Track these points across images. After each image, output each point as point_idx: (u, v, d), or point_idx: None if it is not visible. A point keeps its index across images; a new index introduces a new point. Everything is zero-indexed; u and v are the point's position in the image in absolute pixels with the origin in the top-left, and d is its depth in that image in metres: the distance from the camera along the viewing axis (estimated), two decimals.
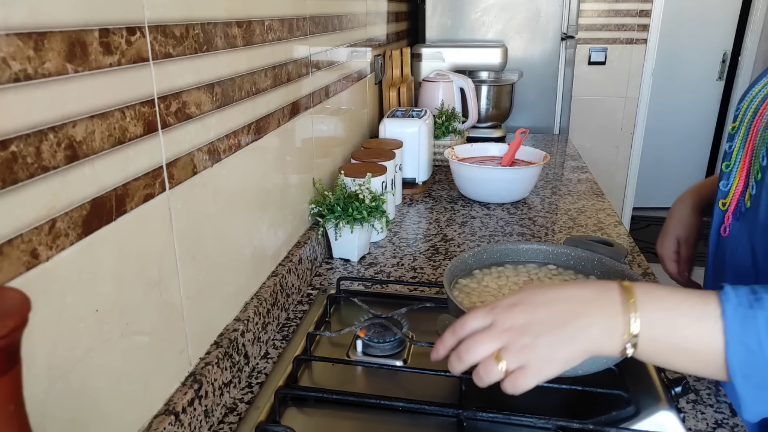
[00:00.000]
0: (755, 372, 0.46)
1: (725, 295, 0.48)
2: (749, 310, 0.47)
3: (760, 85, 0.73)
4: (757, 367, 0.46)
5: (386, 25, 1.86)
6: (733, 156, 0.74)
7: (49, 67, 0.44)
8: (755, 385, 0.47)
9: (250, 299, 0.84)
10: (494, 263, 0.85)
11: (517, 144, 1.50)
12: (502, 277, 0.82)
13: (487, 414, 0.69)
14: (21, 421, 0.30)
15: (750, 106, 0.73)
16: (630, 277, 0.78)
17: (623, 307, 0.49)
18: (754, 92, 0.73)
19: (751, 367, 0.47)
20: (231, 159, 0.76)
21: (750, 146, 0.71)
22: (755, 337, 0.46)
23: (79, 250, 0.48)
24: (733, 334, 0.47)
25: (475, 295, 0.78)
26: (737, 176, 0.73)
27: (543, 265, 0.86)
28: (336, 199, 1.09)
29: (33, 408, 0.31)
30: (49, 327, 0.45)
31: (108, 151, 0.51)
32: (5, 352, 0.28)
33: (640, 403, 0.73)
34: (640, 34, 3.38)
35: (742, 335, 0.47)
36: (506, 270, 0.84)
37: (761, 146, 0.68)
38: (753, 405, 0.48)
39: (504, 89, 2.03)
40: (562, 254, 0.86)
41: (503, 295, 0.76)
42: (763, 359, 0.46)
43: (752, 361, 0.46)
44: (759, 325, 0.46)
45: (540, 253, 0.87)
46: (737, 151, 0.73)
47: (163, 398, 0.62)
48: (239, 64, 0.77)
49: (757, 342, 0.46)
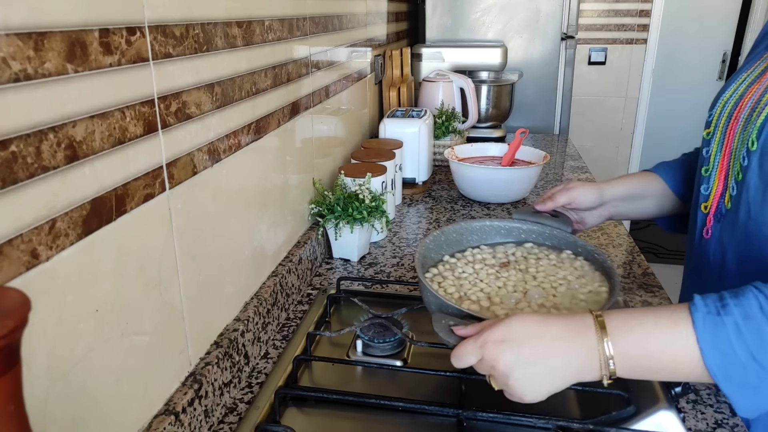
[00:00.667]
0: (734, 373, 0.50)
1: (694, 307, 0.53)
2: (717, 317, 0.51)
3: (730, 91, 0.75)
4: (734, 368, 0.50)
5: (386, 25, 1.86)
6: (711, 160, 0.76)
7: (49, 67, 0.44)
8: (738, 386, 0.50)
9: (250, 299, 0.84)
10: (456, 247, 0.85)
11: (517, 144, 1.50)
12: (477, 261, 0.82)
13: (487, 414, 0.69)
14: (21, 421, 0.30)
15: (723, 111, 0.74)
16: (583, 247, 0.82)
17: (599, 346, 0.54)
18: (726, 97, 0.75)
19: (729, 370, 0.50)
20: (231, 159, 0.76)
21: (727, 149, 0.73)
22: (727, 342, 0.50)
23: (79, 250, 0.48)
24: (705, 342, 0.51)
25: (449, 282, 0.77)
26: (716, 179, 0.75)
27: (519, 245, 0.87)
28: (336, 199, 1.09)
29: (33, 408, 0.31)
30: (49, 327, 0.45)
31: (108, 151, 0.51)
32: (5, 352, 0.28)
33: (640, 403, 0.73)
34: (640, 34, 3.38)
35: (715, 341, 0.51)
36: (483, 251, 0.84)
37: (741, 147, 0.70)
38: (742, 403, 0.51)
39: (504, 89, 2.03)
40: (514, 229, 0.88)
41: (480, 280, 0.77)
42: (738, 361, 0.50)
43: (729, 364, 0.50)
44: (728, 330, 0.50)
45: (493, 230, 0.88)
46: (714, 155, 0.75)
47: (163, 398, 0.62)
48: (239, 64, 0.77)
49: (729, 346, 0.50)
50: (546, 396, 0.56)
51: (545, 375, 0.55)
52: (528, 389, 0.56)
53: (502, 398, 0.60)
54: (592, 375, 0.55)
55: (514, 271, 0.80)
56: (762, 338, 0.49)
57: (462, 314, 0.65)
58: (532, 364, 0.55)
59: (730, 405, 0.73)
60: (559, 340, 0.55)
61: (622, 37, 3.40)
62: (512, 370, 0.55)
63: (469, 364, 0.58)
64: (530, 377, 0.55)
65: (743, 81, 0.74)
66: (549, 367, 0.55)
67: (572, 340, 0.55)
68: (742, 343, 0.50)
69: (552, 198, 0.89)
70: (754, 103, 0.70)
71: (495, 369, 0.56)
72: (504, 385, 0.57)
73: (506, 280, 0.78)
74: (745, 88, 0.72)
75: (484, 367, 0.57)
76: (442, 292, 0.74)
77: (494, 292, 0.75)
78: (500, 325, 0.57)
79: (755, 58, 0.76)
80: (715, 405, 0.74)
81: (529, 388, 0.56)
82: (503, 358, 0.55)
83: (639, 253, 1.19)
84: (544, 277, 0.78)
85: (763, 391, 0.50)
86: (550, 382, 0.56)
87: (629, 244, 1.24)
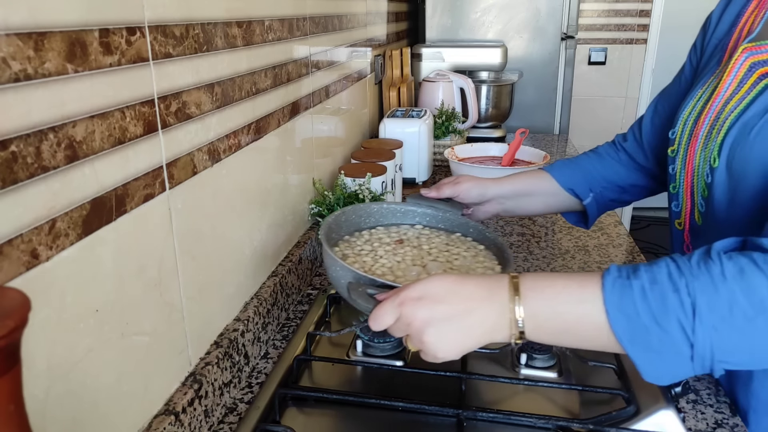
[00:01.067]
0: (638, 337, 0.50)
1: (607, 272, 0.54)
2: (626, 281, 0.52)
3: (689, 109, 0.76)
4: (638, 332, 0.50)
5: (386, 25, 1.86)
6: (677, 177, 0.77)
7: (49, 67, 0.44)
8: (642, 349, 0.51)
9: (250, 299, 0.84)
10: (355, 227, 0.89)
11: (517, 144, 1.50)
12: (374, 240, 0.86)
13: (487, 414, 0.69)
14: (21, 421, 0.30)
15: (684, 129, 0.75)
16: (474, 227, 0.86)
17: (510, 304, 0.55)
18: (685, 115, 0.76)
19: (634, 333, 0.50)
20: (231, 159, 0.76)
21: (690, 167, 0.74)
22: (632, 305, 0.50)
23: (79, 250, 0.48)
24: (612, 305, 0.51)
25: (351, 260, 0.79)
26: (684, 196, 0.76)
27: (412, 226, 0.91)
28: (336, 199, 1.09)
29: (33, 408, 0.31)
30: (49, 327, 0.45)
31: (108, 151, 0.51)
32: (5, 352, 0.28)
33: (640, 402, 0.73)
34: (640, 34, 3.38)
35: (620, 304, 0.51)
36: (378, 231, 0.88)
37: (704, 165, 0.71)
38: (647, 367, 0.51)
39: (504, 89, 2.03)
40: (409, 212, 0.91)
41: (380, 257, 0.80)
42: (641, 324, 0.50)
43: (633, 327, 0.50)
44: (634, 292, 0.51)
45: (389, 212, 0.91)
46: (679, 173, 0.76)
47: (163, 398, 0.62)
48: (239, 64, 0.77)
49: (633, 309, 0.50)
50: (459, 354, 0.57)
51: (458, 332, 0.56)
52: (441, 346, 0.57)
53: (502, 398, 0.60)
54: (502, 335, 0.56)
55: (409, 248, 0.83)
56: (665, 303, 0.50)
57: (377, 283, 0.65)
58: (447, 321, 0.56)
59: (730, 405, 0.73)
60: (473, 299, 0.57)
61: (622, 37, 3.40)
62: (427, 326, 0.56)
63: (387, 324, 0.58)
64: (444, 334, 0.56)
65: (699, 98, 0.74)
66: (462, 324, 0.56)
67: (485, 299, 0.56)
68: (646, 306, 0.50)
69: (438, 188, 0.92)
70: (713, 120, 0.70)
71: (411, 326, 0.57)
72: (419, 343, 0.57)
73: (404, 255, 0.81)
74: (702, 105, 0.73)
75: (401, 326, 0.58)
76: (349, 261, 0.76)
77: (396, 267, 0.77)
78: (418, 284, 0.58)
79: (708, 74, 0.76)
80: (715, 405, 0.74)
81: (442, 345, 0.56)
82: (419, 314, 0.56)
83: (639, 253, 1.19)
84: (438, 252, 0.82)
85: (666, 357, 0.50)
86: (463, 340, 0.57)
87: (629, 244, 1.24)
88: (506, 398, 0.75)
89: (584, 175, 0.93)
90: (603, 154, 0.95)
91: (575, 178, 0.93)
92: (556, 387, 0.76)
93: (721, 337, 0.48)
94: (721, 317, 0.48)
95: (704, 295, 0.49)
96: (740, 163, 0.65)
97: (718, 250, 0.51)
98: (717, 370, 0.50)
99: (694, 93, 0.76)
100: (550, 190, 0.94)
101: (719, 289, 0.49)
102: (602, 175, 0.93)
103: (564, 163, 0.95)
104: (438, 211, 0.90)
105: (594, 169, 0.93)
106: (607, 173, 0.93)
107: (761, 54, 0.67)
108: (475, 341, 0.57)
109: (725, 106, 0.69)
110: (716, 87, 0.71)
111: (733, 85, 0.69)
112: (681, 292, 0.49)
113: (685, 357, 0.49)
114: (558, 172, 0.94)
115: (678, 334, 0.49)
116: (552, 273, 0.58)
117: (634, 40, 3.39)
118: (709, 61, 0.79)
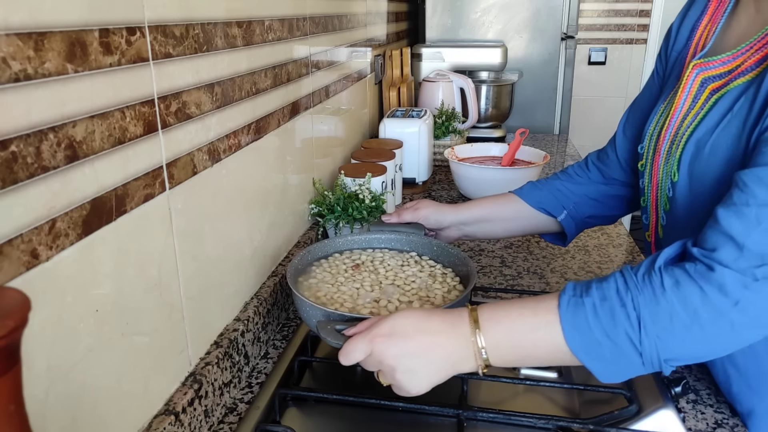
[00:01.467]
0: (592, 349, 0.56)
1: (563, 291, 0.59)
2: (579, 299, 0.57)
3: (653, 125, 0.76)
4: (591, 345, 0.56)
5: (386, 25, 1.86)
6: (645, 191, 0.78)
7: (49, 67, 0.44)
8: (596, 359, 0.56)
9: (250, 299, 0.84)
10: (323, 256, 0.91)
11: (517, 144, 1.50)
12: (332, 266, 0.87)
13: (487, 414, 0.69)
14: (21, 421, 0.30)
15: (650, 144, 0.76)
16: (438, 245, 0.90)
17: (472, 337, 0.59)
18: (650, 131, 0.77)
19: (587, 346, 0.56)
20: (231, 159, 0.76)
21: (654, 181, 0.75)
22: (584, 321, 0.56)
23: (79, 250, 0.48)
24: (567, 322, 0.56)
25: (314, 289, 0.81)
26: (651, 209, 0.77)
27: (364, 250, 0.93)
28: (336, 199, 1.09)
29: (33, 408, 0.31)
30: (49, 327, 0.45)
31: (108, 151, 0.51)
32: (5, 352, 0.28)
33: (640, 402, 0.73)
34: (640, 34, 3.38)
35: (574, 321, 0.56)
36: (336, 258, 0.90)
37: (665, 179, 0.72)
38: (603, 373, 0.57)
39: (504, 89, 2.03)
40: (375, 240, 0.94)
41: (339, 282, 0.82)
42: (594, 338, 0.55)
43: (586, 341, 0.56)
44: (587, 310, 0.56)
45: (354, 244, 0.93)
46: (647, 187, 0.78)
47: (163, 398, 0.62)
48: (239, 64, 0.77)
49: (586, 325, 0.55)
50: (429, 388, 0.60)
51: (428, 367, 0.59)
52: (413, 382, 0.59)
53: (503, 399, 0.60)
54: (469, 366, 0.59)
55: (366, 273, 0.85)
56: (614, 318, 0.55)
57: (345, 318, 0.68)
58: (416, 357, 0.58)
59: (730, 405, 0.73)
60: (439, 333, 0.59)
61: (622, 37, 3.40)
62: (398, 363, 0.58)
63: (357, 359, 0.60)
64: (415, 370, 0.59)
65: (662, 113, 0.75)
66: (431, 359, 0.59)
67: (449, 334, 0.59)
68: (597, 322, 0.55)
69: (399, 214, 0.95)
70: (672, 136, 0.71)
71: (383, 363, 0.59)
72: (392, 379, 0.60)
73: (362, 281, 0.82)
74: (664, 120, 0.74)
75: (373, 361, 0.60)
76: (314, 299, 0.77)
77: (355, 294, 0.79)
78: (387, 320, 0.60)
79: (669, 88, 0.77)
80: (715, 405, 0.74)
81: (414, 381, 0.59)
82: (390, 351, 0.58)
83: (639, 253, 1.19)
84: (395, 275, 0.84)
85: (620, 363, 0.56)
86: (433, 373, 0.59)
87: (629, 244, 1.24)
88: (507, 398, 0.75)
89: (554, 194, 0.93)
90: (572, 173, 0.96)
91: (545, 198, 0.93)
92: (557, 387, 0.76)
93: (665, 344, 0.54)
94: (663, 327, 0.54)
95: (647, 308, 0.54)
96: (698, 177, 0.67)
97: (660, 262, 0.57)
98: (666, 369, 0.56)
99: (657, 108, 0.77)
100: (520, 212, 0.94)
101: (660, 302, 0.54)
102: (572, 191, 0.93)
103: (533, 185, 0.96)
104: (401, 234, 0.93)
105: (563, 187, 0.94)
106: (577, 189, 0.94)
107: (711, 70, 0.68)
108: (444, 374, 0.60)
109: (682, 122, 0.70)
110: (674, 103, 0.72)
111: (688, 102, 0.70)
112: (627, 306, 0.55)
113: (636, 363, 0.55)
114: (527, 194, 0.94)
115: (627, 346, 0.55)
116: (509, 301, 0.62)
117: (634, 40, 3.39)
118: (671, 73, 0.80)
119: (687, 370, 0.80)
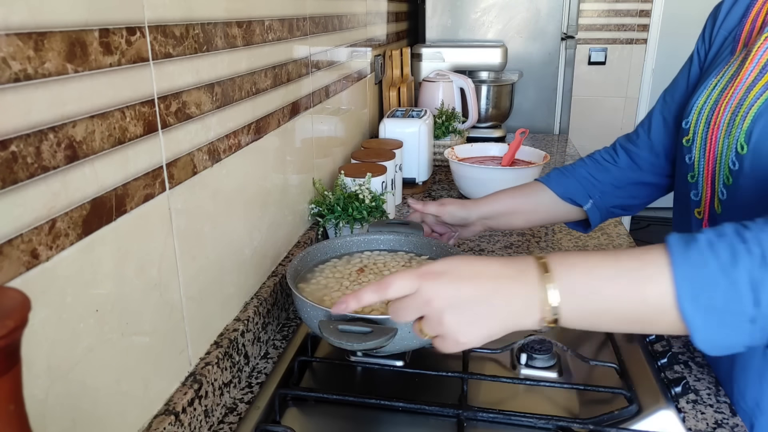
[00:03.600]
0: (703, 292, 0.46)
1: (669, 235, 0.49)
2: (690, 236, 0.48)
3: (703, 98, 0.76)
4: (704, 285, 0.46)
5: (386, 25, 1.86)
6: (695, 166, 0.76)
7: (49, 67, 0.44)
8: (704, 308, 0.46)
9: (250, 299, 0.84)
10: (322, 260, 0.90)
11: (517, 144, 1.50)
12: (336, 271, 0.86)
13: (487, 414, 0.69)
14: (21, 421, 0.30)
15: (700, 118, 0.75)
16: (438, 246, 0.88)
17: (539, 283, 0.50)
18: (700, 104, 0.76)
19: (698, 287, 0.46)
20: (231, 159, 0.76)
21: (711, 155, 0.73)
22: (698, 254, 0.46)
23: (79, 250, 0.48)
24: (678, 255, 0.47)
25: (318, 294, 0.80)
26: (704, 185, 0.75)
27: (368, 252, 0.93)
28: (336, 199, 1.09)
29: (33, 408, 0.31)
30: (49, 327, 0.45)
31: (108, 151, 0.51)
32: (5, 352, 0.28)
33: (641, 402, 0.73)
34: (640, 34, 3.38)
35: (686, 254, 0.47)
36: (338, 263, 0.89)
37: (727, 152, 0.70)
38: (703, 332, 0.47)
39: (504, 89, 2.03)
40: (374, 240, 0.93)
41: (344, 286, 0.81)
42: (708, 276, 0.46)
43: (699, 279, 0.46)
44: (700, 244, 0.47)
45: (353, 244, 0.92)
46: (698, 162, 0.76)
47: (163, 398, 0.62)
48: (239, 64, 0.77)
49: (700, 258, 0.46)
50: (482, 341, 0.52)
51: (486, 313, 0.51)
52: (467, 330, 0.51)
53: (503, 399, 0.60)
54: (532, 319, 0.51)
55: (372, 275, 0.84)
56: (734, 253, 0.46)
57: (347, 318, 0.66)
58: (472, 302, 0.51)
59: (730, 405, 0.73)
60: (501, 278, 0.52)
61: (622, 37, 3.40)
62: (450, 306, 0.51)
63: (401, 292, 0.53)
64: (468, 317, 0.51)
65: (714, 87, 0.75)
66: (492, 304, 0.51)
67: (514, 279, 0.51)
68: (713, 256, 0.46)
69: (424, 203, 0.95)
70: (734, 107, 0.70)
71: (430, 305, 0.51)
72: (437, 325, 0.52)
73: (367, 283, 0.81)
74: (719, 93, 0.73)
75: (418, 302, 0.52)
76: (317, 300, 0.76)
77: None
78: (439, 260, 0.54)
79: (722, 64, 0.76)
80: (715, 405, 0.74)
81: (468, 329, 0.51)
82: (442, 292, 0.51)
83: None
84: None
85: (727, 320, 0.46)
86: (492, 322, 0.51)
87: (629, 244, 1.24)
88: (507, 398, 0.75)
89: (580, 182, 0.93)
90: (599, 159, 0.95)
91: (572, 186, 0.93)
92: (557, 387, 0.76)
93: None
94: None
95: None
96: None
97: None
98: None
99: (708, 82, 0.76)
100: (544, 203, 0.94)
101: None
102: (598, 179, 0.93)
103: (560, 172, 0.96)
104: (400, 235, 0.93)
105: (590, 175, 0.93)
106: (603, 177, 0.93)
107: None
108: (503, 325, 0.51)
109: (747, 94, 0.69)
110: (736, 75, 0.71)
111: (755, 72, 0.69)
112: (749, 242, 0.46)
113: (745, 319, 0.45)
114: (555, 183, 0.94)
115: (745, 288, 0.45)
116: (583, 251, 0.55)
117: (634, 40, 3.39)
118: (720, 51, 0.79)
119: (687, 370, 0.80)
